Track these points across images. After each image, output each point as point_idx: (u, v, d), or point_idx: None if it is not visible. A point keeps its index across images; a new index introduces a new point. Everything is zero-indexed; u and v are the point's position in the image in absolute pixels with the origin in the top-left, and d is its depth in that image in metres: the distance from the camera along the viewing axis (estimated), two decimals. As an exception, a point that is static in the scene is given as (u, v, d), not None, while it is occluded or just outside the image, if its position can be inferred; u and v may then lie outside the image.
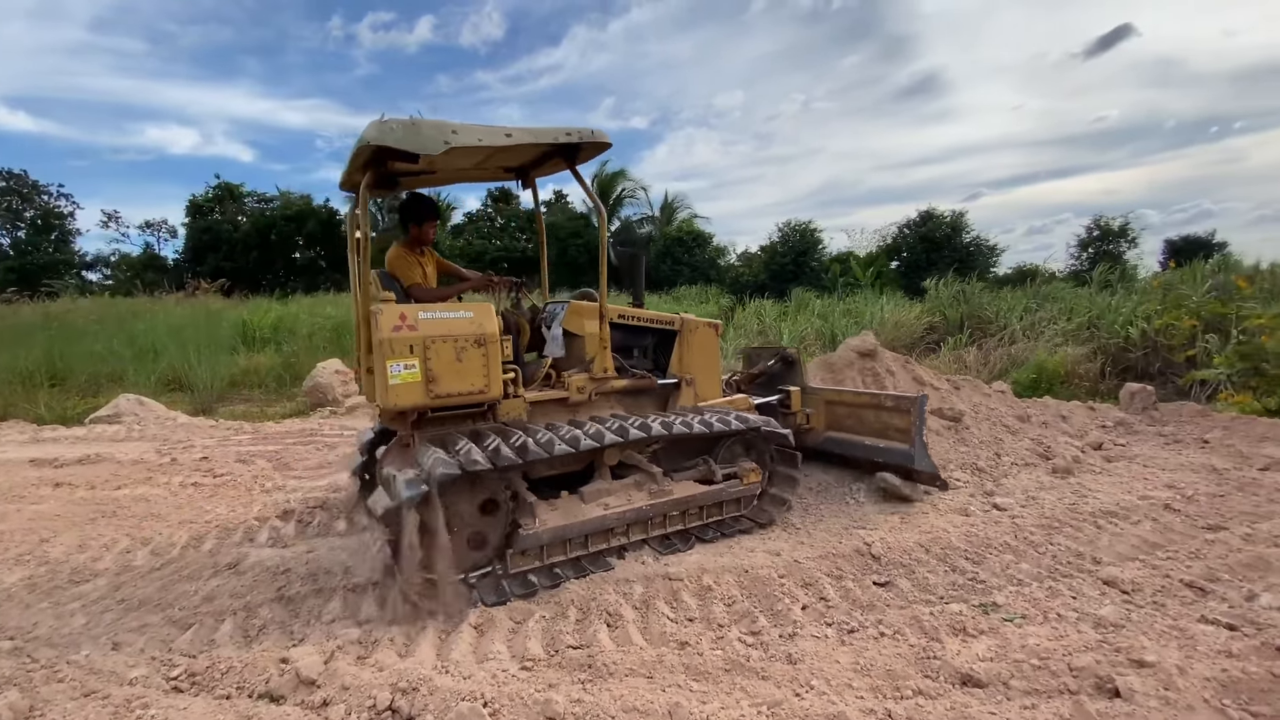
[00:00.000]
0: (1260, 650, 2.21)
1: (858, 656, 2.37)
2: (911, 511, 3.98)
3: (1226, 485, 4.01)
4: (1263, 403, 5.70)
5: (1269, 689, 2.02)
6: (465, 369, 3.10)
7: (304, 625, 2.90)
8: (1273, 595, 2.64)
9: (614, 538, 3.40)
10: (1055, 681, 2.13)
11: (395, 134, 2.90)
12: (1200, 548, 3.16)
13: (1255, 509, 3.63)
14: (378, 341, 2.97)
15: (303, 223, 33.00)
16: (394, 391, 2.96)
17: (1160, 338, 8.63)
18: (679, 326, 4.19)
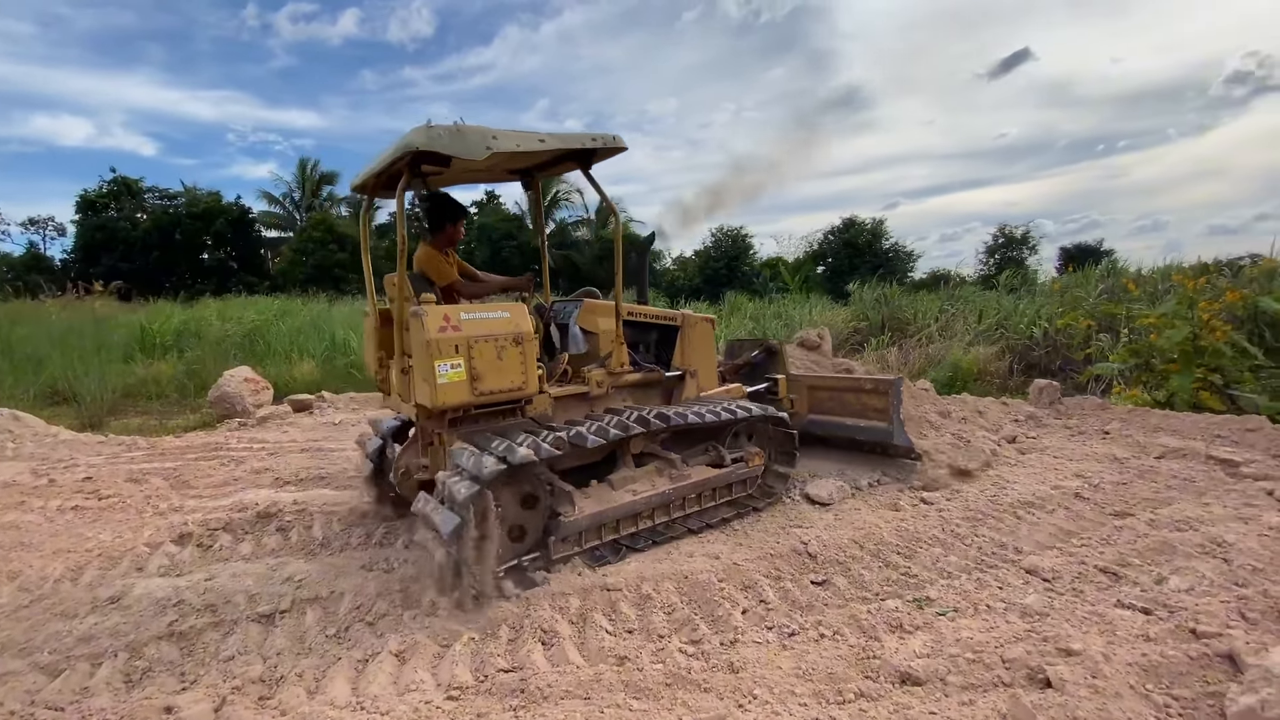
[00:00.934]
0: (1175, 633, 2.32)
1: (799, 661, 2.33)
2: (845, 508, 4.03)
3: (1128, 473, 4.29)
4: (1152, 395, 6.19)
5: (1187, 671, 2.11)
6: (505, 367, 3.22)
7: (197, 665, 2.59)
8: (1180, 578, 2.80)
9: (642, 521, 3.56)
10: (990, 675, 2.15)
11: (442, 140, 3.01)
12: (1110, 534, 3.34)
13: (1156, 495, 3.89)
14: (424, 342, 3.03)
15: (211, 221, 30.79)
16: (442, 391, 3.05)
17: (1060, 337, 9.28)
18: (680, 322, 4.41)
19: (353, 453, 5.99)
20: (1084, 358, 8.31)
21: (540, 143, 3.39)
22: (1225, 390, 5.89)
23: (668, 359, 4.37)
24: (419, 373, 3.16)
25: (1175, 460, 4.45)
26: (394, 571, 3.39)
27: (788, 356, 5.25)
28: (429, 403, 3.12)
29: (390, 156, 3.26)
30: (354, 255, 28.42)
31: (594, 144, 3.59)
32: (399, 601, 3.05)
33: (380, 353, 3.90)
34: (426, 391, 3.09)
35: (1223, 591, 2.63)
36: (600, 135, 3.60)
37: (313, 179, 34.44)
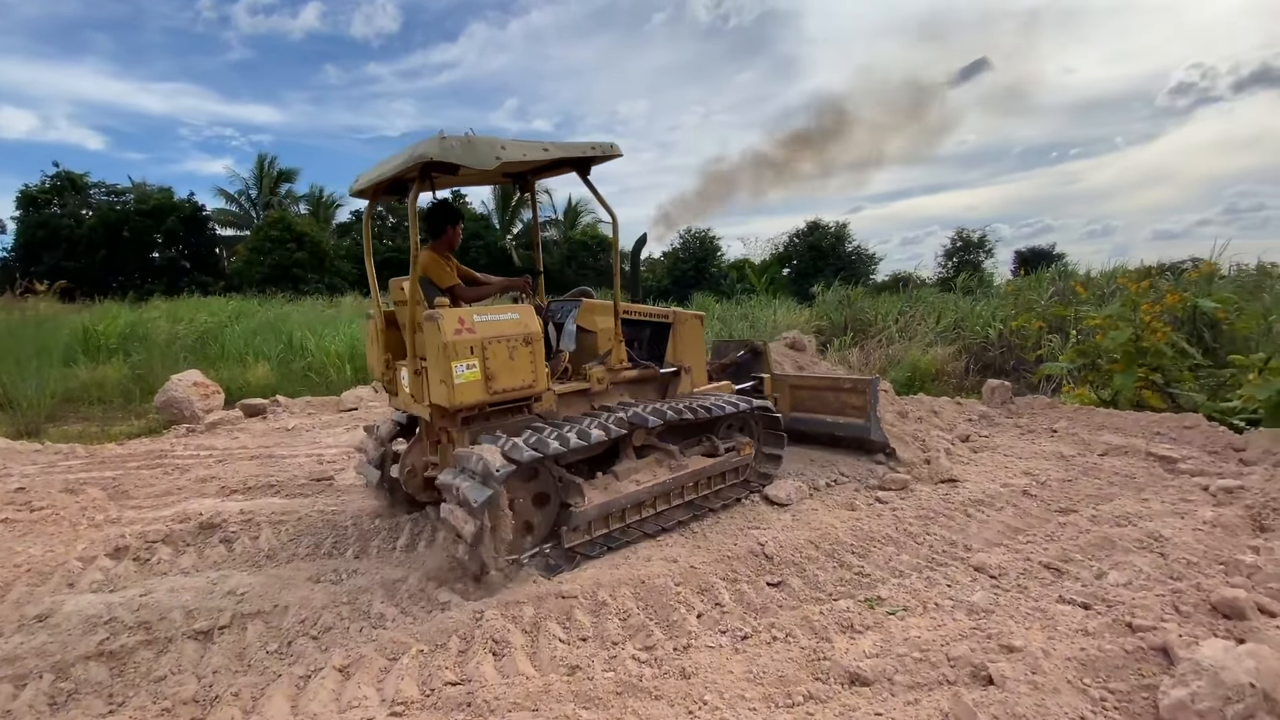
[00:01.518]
0: (1112, 627, 2.39)
1: (750, 664, 2.33)
2: (803, 509, 4.07)
3: (1073, 470, 4.43)
4: (1098, 394, 6.41)
5: (1123, 665, 2.17)
6: (517, 366, 3.36)
7: (127, 686, 2.47)
8: (1119, 573, 2.89)
9: (645, 509, 3.73)
10: (935, 673, 2.18)
11: (455, 151, 3.16)
12: (1055, 530, 3.43)
13: (1098, 491, 4.02)
14: (441, 344, 3.14)
15: (161, 218, 29.63)
16: (459, 390, 3.17)
17: (1014, 338, 9.56)
18: (672, 319, 4.56)
19: (305, 459, 5.82)
20: (1036, 358, 8.57)
21: (544, 152, 3.58)
22: (1166, 389, 6.13)
23: (660, 355, 4.50)
24: (435, 374, 3.25)
25: (1118, 457, 4.61)
26: (343, 583, 3.30)
27: (771, 356, 5.47)
28: (446, 403, 3.22)
29: (401, 165, 3.32)
30: (313, 254, 27.72)
31: (593, 152, 3.78)
32: (346, 614, 2.96)
33: (387, 355, 3.97)
34: (444, 392, 3.20)
35: (1158, 585, 2.72)
36: (599, 144, 3.80)
37: (271, 176, 33.46)
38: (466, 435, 3.46)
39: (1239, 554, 2.96)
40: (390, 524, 4.09)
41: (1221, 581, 2.70)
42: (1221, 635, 2.33)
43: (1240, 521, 3.37)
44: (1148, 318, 6.01)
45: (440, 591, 3.13)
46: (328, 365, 11.42)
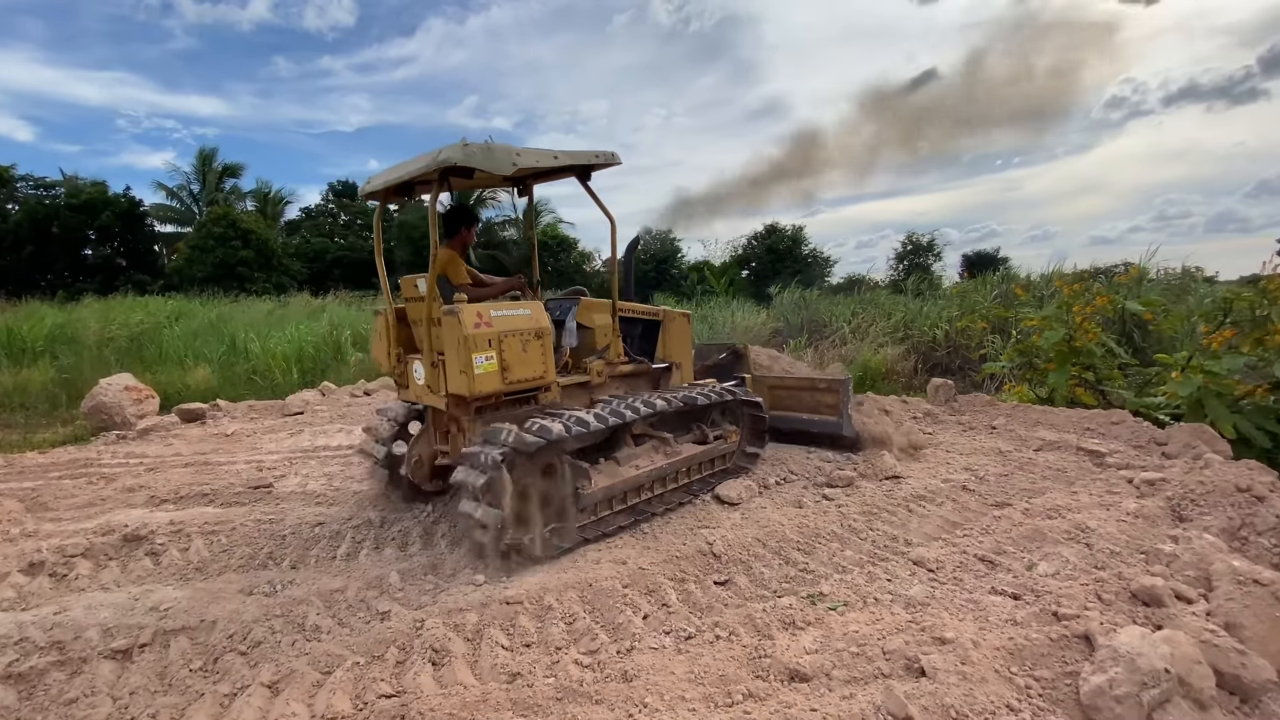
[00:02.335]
0: (1039, 616, 2.47)
1: (693, 664, 2.33)
2: (752, 507, 4.10)
3: (1010, 465, 4.59)
4: (1035, 392, 6.68)
5: (1048, 653, 2.24)
6: (529, 358, 3.58)
7: (35, 710, 2.32)
8: (1048, 564, 3.00)
9: (644, 492, 3.96)
10: (871, 667, 2.22)
11: (477, 156, 3.37)
12: (990, 524, 3.55)
13: (1032, 485, 4.17)
14: (462, 337, 3.33)
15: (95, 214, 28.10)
16: (479, 380, 3.38)
17: (960, 338, 9.89)
18: (662, 317, 4.85)
19: (244, 466, 5.59)
20: (979, 357, 8.89)
21: (554, 159, 3.82)
22: (1097, 386, 6.43)
23: (650, 351, 4.79)
24: (455, 365, 3.44)
25: (1051, 452, 4.80)
26: (277, 595, 3.17)
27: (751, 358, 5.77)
28: (466, 392, 3.42)
29: (423, 168, 3.49)
30: (260, 252, 26.71)
31: (597, 160, 4.05)
32: (280, 627, 2.85)
33: (398, 349, 4.10)
34: (464, 382, 3.40)
35: (1083, 575, 2.83)
36: (601, 152, 4.09)
37: (214, 170, 32.10)
38: (479, 425, 3.65)
39: (1159, 544, 3.11)
40: (331, 531, 3.96)
41: (1142, 570, 2.82)
42: (1140, 622, 2.43)
43: (1161, 512, 3.54)
44: (1080, 319, 6.30)
45: (380, 601, 3.04)
46: (273, 368, 11.02)
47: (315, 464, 5.63)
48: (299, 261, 29.96)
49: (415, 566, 3.41)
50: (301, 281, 27.65)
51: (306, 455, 5.94)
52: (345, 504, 4.50)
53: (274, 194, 33.71)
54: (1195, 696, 2.09)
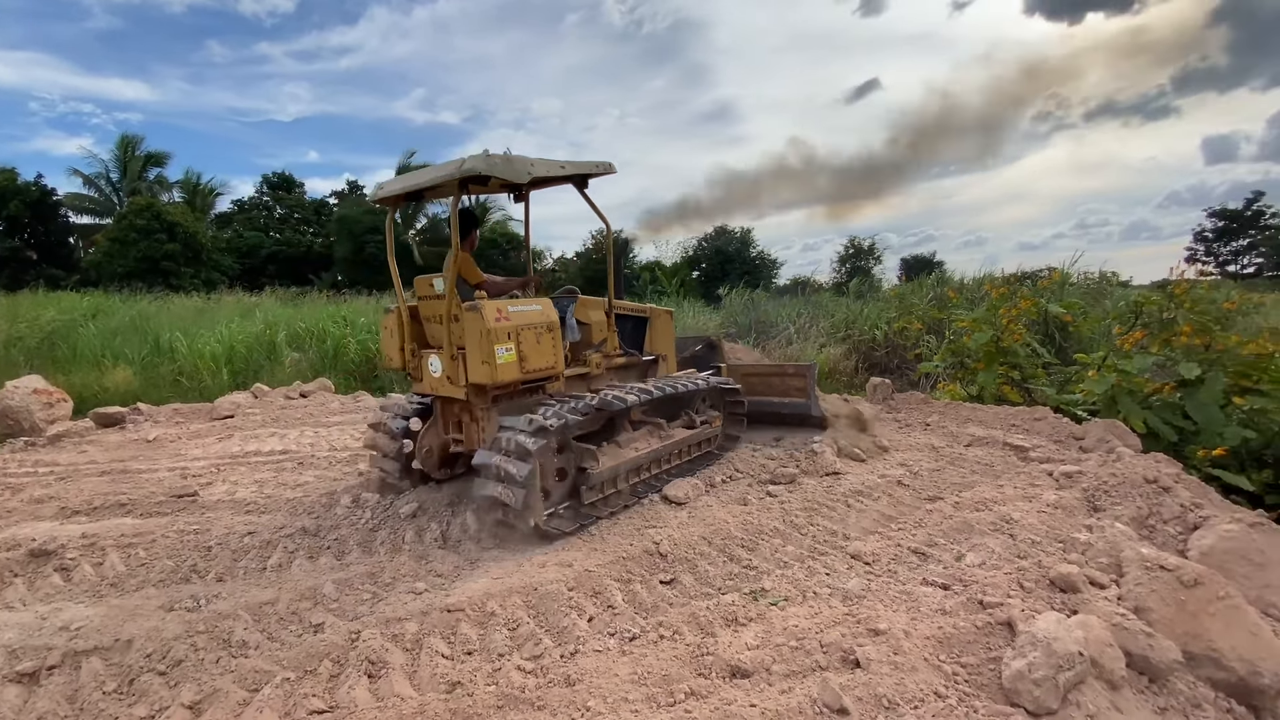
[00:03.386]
0: (967, 605, 2.59)
1: (636, 665, 2.33)
2: (699, 506, 4.14)
3: (942, 461, 4.80)
4: (966, 390, 7.01)
5: (974, 640, 2.35)
6: (543, 350, 3.90)
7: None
8: (975, 554, 3.15)
9: (649, 471, 4.35)
10: (809, 660, 2.28)
11: (498, 166, 3.71)
12: (923, 517, 3.70)
13: (962, 480, 4.37)
14: (484, 330, 3.61)
15: (3, 203, 26.03)
16: (501, 370, 3.66)
17: (898, 339, 10.28)
18: (649, 314, 5.28)
19: (166, 473, 5.28)
20: (915, 357, 9.25)
21: (561, 169, 4.20)
22: (1022, 385, 6.79)
23: (639, 345, 5.21)
24: (477, 356, 3.70)
25: (980, 448, 5.04)
26: (201, 610, 3.00)
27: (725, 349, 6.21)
28: (489, 381, 3.70)
29: (446, 177, 3.74)
30: (187, 246, 25.29)
31: (596, 170, 4.42)
32: (203, 644, 2.70)
33: (412, 345, 4.30)
34: (487, 371, 3.66)
35: (1007, 564, 2.99)
36: (600, 163, 4.45)
37: (137, 158, 30.16)
38: (494, 413, 3.96)
39: (1075, 533, 3.31)
40: (262, 541, 3.78)
41: (1060, 559, 3.00)
42: (1058, 608, 2.58)
43: (1077, 503, 3.77)
44: (1006, 321, 6.65)
45: (314, 612, 2.93)
46: (201, 369, 10.47)
47: (246, 470, 5.37)
48: (230, 256, 28.52)
49: (353, 576, 3.30)
50: (233, 278, 26.33)
51: (236, 461, 5.66)
52: (278, 512, 4.31)
53: (204, 185, 31.95)
54: (1107, 677, 2.23)
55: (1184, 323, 5.68)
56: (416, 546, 3.67)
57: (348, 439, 6.37)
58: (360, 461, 5.48)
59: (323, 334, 11.93)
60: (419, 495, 4.31)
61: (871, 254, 34.21)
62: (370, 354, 11.35)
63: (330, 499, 4.44)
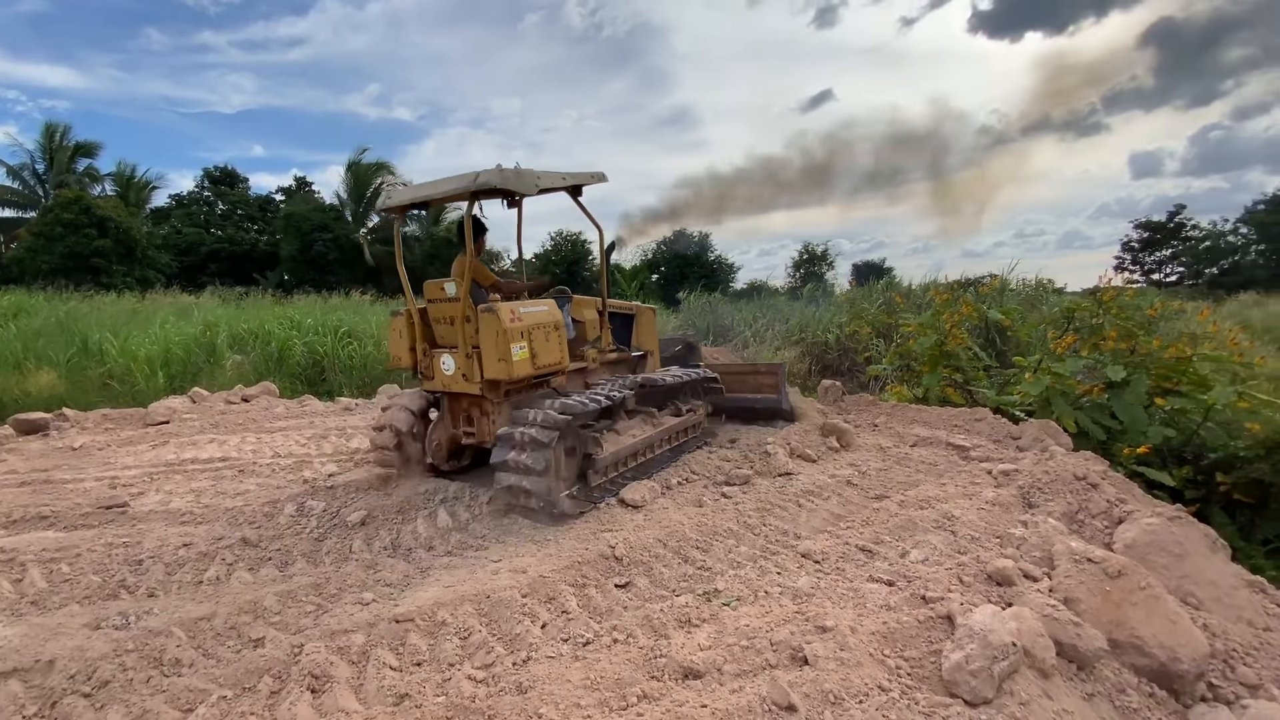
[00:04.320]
0: (910, 600, 2.68)
1: (589, 670, 2.33)
2: (654, 508, 4.16)
3: (889, 461, 4.95)
4: (912, 392, 7.26)
5: (916, 634, 2.43)
6: (551, 347, 4.23)
7: None
8: (919, 551, 3.26)
9: (643, 455, 4.65)
10: (759, 659, 2.31)
11: (510, 179, 3.99)
12: (870, 516, 3.81)
13: (908, 479, 4.52)
14: (500, 330, 3.93)
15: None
16: (516, 365, 3.97)
17: (849, 342, 10.55)
18: (635, 311, 5.66)
19: (94, 483, 4.99)
20: (865, 360, 9.53)
21: (563, 180, 4.58)
22: (964, 387, 7.07)
23: (627, 341, 5.57)
24: (493, 354, 4.00)
25: (925, 448, 5.23)
26: (130, 627, 2.85)
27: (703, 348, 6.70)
28: (505, 376, 4.01)
29: (461, 189, 4.04)
30: (120, 242, 23.97)
31: (591, 180, 4.80)
32: (133, 663, 2.56)
33: (423, 345, 4.55)
34: (504, 368, 3.97)
35: (948, 560, 3.10)
36: (595, 173, 4.81)
37: (65, 148, 28.40)
38: (507, 406, 4.28)
39: (1011, 528, 3.46)
40: (198, 553, 3.62)
41: (997, 554, 3.13)
42: (994, 601, 2.69)
43: (1014, 500, 3.95)
44: (949, 326, 6.91)
45: (254, 627, 2.82)
46: (134, 372, 9.92)
47: (181, 479, 5.13)
48: (167, 254, 27.18)
49: (296, 587, 3.18)
50: (170, 276, 25.09)
51: (171, 469, 5.40)
52: (216, 522, 4.13)
53: (138, 178, 30.35)
54: (1039, 666, 2.34)
55: (1110, 328, 6.02)
56: (365, 555, 3.57)
57: (293, 445, 6.15)
58: (305, 468, 5.30)
59: (267, 335, 11.47)
60: (368, 502, 4.20)
61: (825, 260, 35.06)
62: (319, 357, 10.99)
63: (273, 508, 4.28)
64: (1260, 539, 4.93)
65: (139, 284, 22.36)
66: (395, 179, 30.69)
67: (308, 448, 6.12)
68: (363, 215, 30.85)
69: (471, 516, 4.09)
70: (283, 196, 35.64)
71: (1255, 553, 4.78)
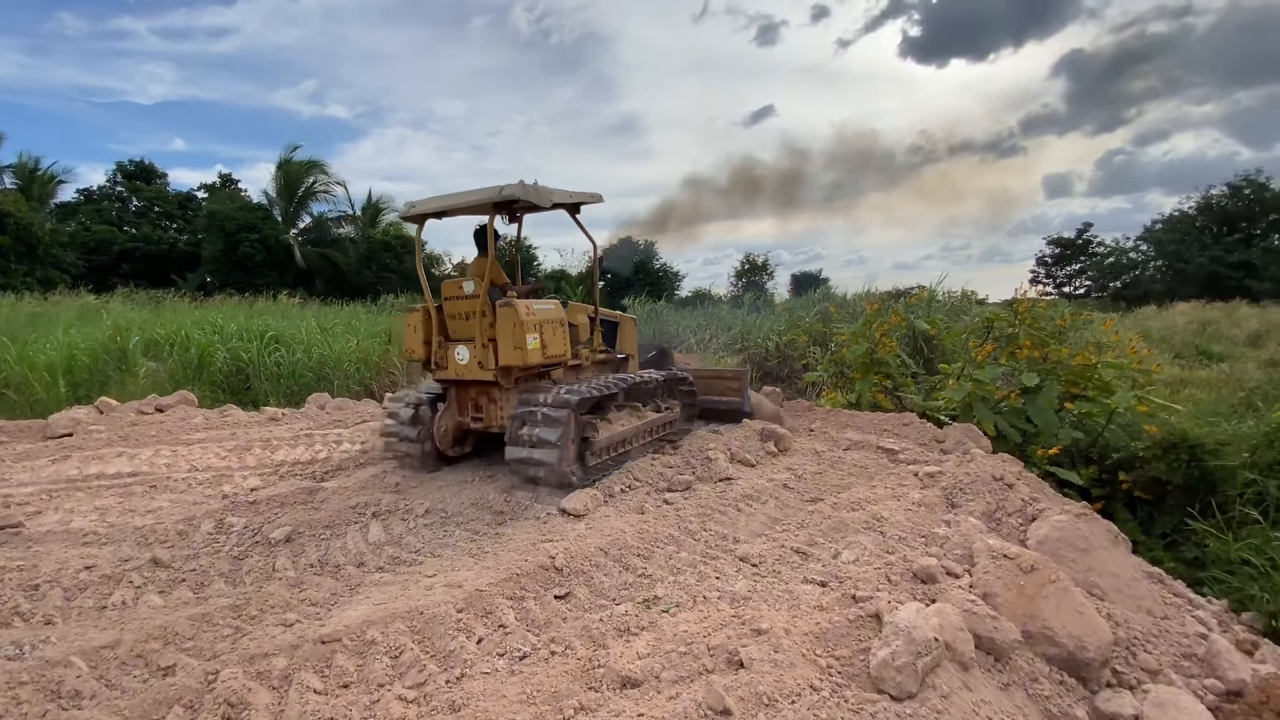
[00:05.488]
0: (841, 600, 2.76)
1: (525, 684, 2.29)
2: (596, 517, 4.15)
3: (824, 464, 5.11)
4: (846, 398, 7.53)
5: (847, 633, 2.51)
6: (557, 341, 4.76)
7: None
8: (851, 552, 3.37)
9: (630, 444, 5.15)
10: (697, 664, 2.33)
11: (531, 194, 4.56)
12: (805, 518, 3.92)
13: (840, 482, 4.68)
14: (517, 322, 4.45)
15: None
16: (530, 354, 4.48)
17: (788, 349, 10.85)
18: (619, 320, 6.24)
19: (-17, 502, 4.55)
20: (802, 367, 9.82)
21: (569, 197, 5.10)
22: (894, 393, 7.39)
23: (612, 344, 6.10)
24: (509, 344, 4.51)
25: (857, 451, 5.42)
26: (24, 657, 2.62)
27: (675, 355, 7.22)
28: (520, 363, 4.52)
29: (482, 200, 4.60)
30: (20, 240, 22.10)
31: (591, 199, 5.33)
32: (27, 696, 2.36)
33: (438, 337, 4.98)
34: (519, 355, 4.49)
35: (877, 560, 3.22)
36: (595, 195, 5.36)
37: (-46, 138, 25.99)
38: (514, 393, 4.78)
39: (935, 528, 3.63)
40: (102, 576, 3.36)
41: (922, 552, 3.27)
42: (919, 599, 2.81)
43: (938, 500, 4.14)
44: (879, 335, 7.22)
45: (164, 654, 2.63)
46: (32, 380, 9.12)
47: (84, 496, 4.75)
48: (74, 252, 25.24)
49: (213, 610, 3.00)
50: (77, 276, 23.30)
51: (73, 486, 4.99)
52: (123, 542, 3.84)
53: (42, 171, 28.08)
54: (959, 659, 2.45)
55: (1025, 337, 6.42)
56: (290, 573, 3.41)
57: (212, 458, 5.81)
58: (226, 483, 5.01)
59: (186, 341, 10.79)
60: (294, 517, 4.01)
61: (765, 270, 35.96)
62: (243, 364, 10.43)
63: (189, 525, 4.02)
64: (1159, 533, 5.35)
65: (41, 284, 20.65)
66: (329, 178, 29.58)
67: (229, 460, 5.79)
68: (294, 215, 29.54)
69: (406, 529, 3.97)
70: (205, 194, 33.73)
71: (1155, 545, 5.18)
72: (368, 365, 11.04)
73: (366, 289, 25.55)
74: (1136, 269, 38.03)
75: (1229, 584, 4.35)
